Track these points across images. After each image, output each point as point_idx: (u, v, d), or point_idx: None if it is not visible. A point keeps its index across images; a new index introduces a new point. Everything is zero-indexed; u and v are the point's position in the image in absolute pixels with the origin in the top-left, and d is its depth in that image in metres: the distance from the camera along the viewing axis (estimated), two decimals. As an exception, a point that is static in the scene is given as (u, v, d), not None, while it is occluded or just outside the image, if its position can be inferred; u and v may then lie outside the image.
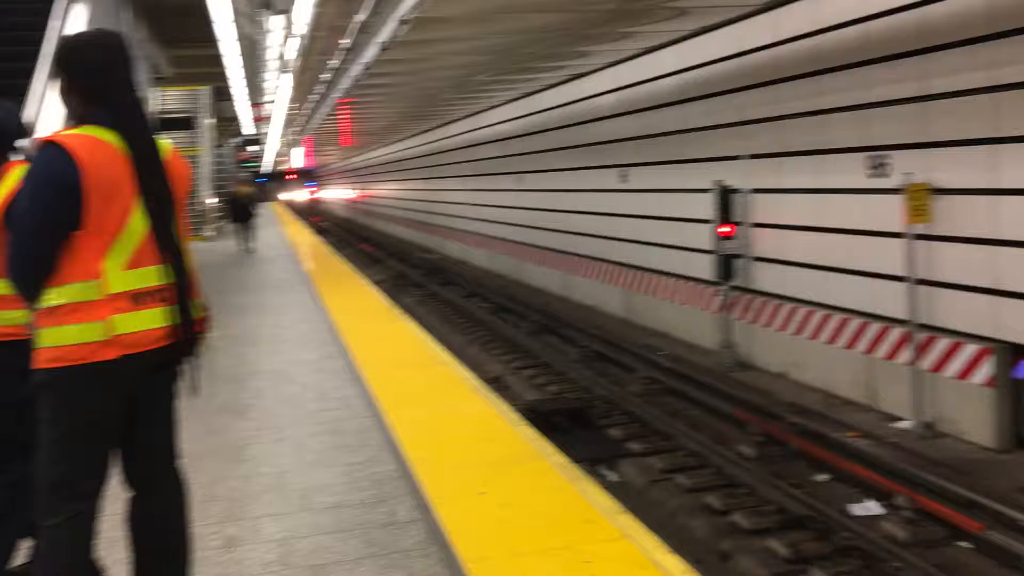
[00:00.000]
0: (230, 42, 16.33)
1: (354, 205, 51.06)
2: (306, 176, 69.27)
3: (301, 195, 70.28)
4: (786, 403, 8.87)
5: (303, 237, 25.12)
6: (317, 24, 12.46)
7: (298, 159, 51.00)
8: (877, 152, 8.41)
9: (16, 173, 3.03)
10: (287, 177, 70.34)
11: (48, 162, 2.44)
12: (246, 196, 21.21)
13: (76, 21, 8.75)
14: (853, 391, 8.91)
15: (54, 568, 2.51)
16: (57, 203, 2.42)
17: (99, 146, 2.48)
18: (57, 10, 8.68)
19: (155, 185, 2.59)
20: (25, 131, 3.25)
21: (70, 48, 2.65)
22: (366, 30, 10.22)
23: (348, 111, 20.22)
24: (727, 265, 10.42)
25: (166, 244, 2.60)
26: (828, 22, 8.84)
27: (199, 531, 3.63)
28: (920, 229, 7.89)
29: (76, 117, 2.59)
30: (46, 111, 7.19)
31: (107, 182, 2.46)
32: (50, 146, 2.45)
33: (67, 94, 2.62)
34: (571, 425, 8.97)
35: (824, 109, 9.04)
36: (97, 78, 2.59)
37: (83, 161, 2.42)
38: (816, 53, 9.06)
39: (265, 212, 37.73)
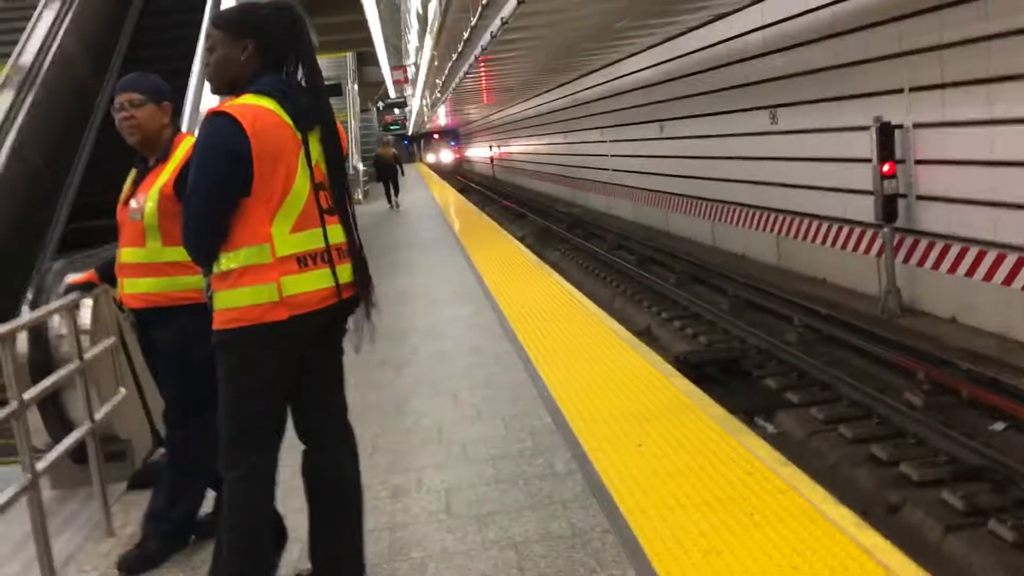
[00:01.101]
0: (371, 6, 16.64)
1: (496, 162, 51.45)
2: (450, 136, 70.37)
3: (446, 155, 71.32)
4: (956, 349, 8.38)
5: (448, 196, 25.55)
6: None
7: (441, 120, 51.75)
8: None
9: (185, 144, 3.20)
10: (433, 138, 71.62)
11: (217, 131, 2.54)
12: (391, 157, 22.28)
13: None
14: (1032, 335, 8.32)
15: (239, 516, 2.67)
16: (226, 171, 2.51)
17: (264, 114, 2.56)
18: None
19: (330, 150, 2.68)
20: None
21: (259, 15, 2.68)
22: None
23: (487, 68, 20.26)
24: (889, 206, 9.86)
25: (336, 206, 2.68)
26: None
27: (367, 482, 3.77)
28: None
29: (241, 86, 2.67)
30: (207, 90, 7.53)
31: (272, 149, 2.54)
32: (218, 116, 2.55)
33: (247, 59, 2.65)
34: (724, 376, 8.82)
35: (992, 34, 8.35)
36: (282, 44, 2.66)
37: (249, 130, 2.50)
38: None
39: (411, 173, 38.61)
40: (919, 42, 9.42)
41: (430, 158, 71.49)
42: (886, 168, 9.71)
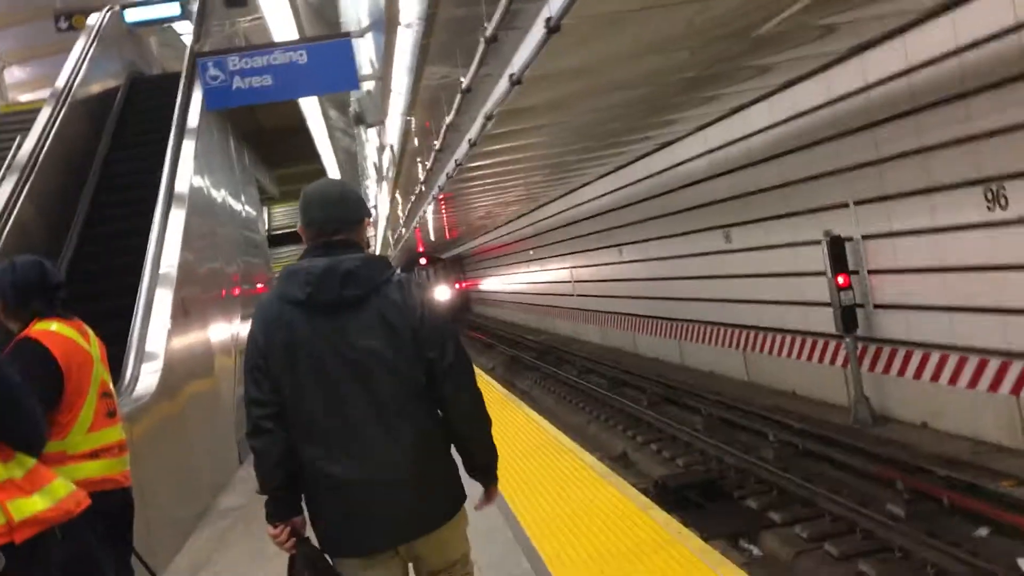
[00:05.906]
0: (330, 157, 17.10)
1: (461, 293, 51.77)
2: (449, 262, 68.47)
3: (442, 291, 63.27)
4: (931, 455, 8.37)
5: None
6: (408, 130, 12.89)
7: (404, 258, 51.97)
8: (991, 183, 8.03)
9: (34, 328, 3.08)
10: (419, 264, 68.60)
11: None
12: None
13: (186, 154, 9.19)
14: (1003, 436, 8.35)
15: None
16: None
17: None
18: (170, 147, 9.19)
19: None
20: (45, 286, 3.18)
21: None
22: (454, 129, 10.50)
23: (444, 207, 20.72)
24: (848, 316, 10.02)
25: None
26: (921, 58, 8.58)
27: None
28: (1051, 257, 7.45)
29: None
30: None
31: None
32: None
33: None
34: (705, 500, 8.70)
35: (929, 146, 8.72)
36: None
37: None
38: (911, 91, 8.79)
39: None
40: (859, 158, 9.80)
41: None
42: (840, 280, 9.92)
